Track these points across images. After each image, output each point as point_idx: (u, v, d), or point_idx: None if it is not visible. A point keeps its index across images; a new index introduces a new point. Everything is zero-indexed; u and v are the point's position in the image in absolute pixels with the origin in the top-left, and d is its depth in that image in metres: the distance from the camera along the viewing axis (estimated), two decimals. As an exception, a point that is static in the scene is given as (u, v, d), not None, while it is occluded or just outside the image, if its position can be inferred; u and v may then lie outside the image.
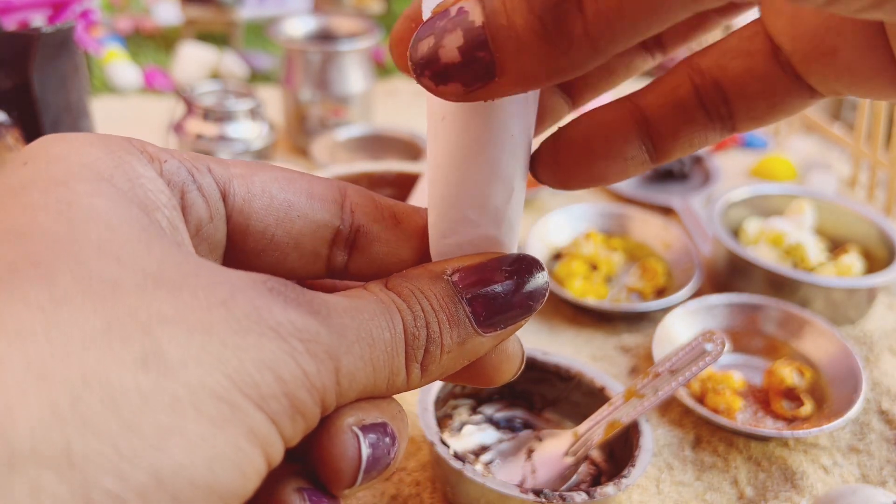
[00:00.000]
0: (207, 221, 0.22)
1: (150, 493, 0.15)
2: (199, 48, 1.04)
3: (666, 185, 0.81)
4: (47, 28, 0.49)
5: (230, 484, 0.16)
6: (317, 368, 0.18)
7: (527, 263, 0.23)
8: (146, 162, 0.20)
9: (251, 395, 0.17)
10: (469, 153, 0.21)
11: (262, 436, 0.17)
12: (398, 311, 0.21)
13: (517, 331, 0.23)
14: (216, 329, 0.17)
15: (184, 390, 0.16)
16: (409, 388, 0.21)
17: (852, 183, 0.82)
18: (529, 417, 0.49)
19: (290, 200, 0.23)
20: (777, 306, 0.56)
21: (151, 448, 0.15)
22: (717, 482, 0.46)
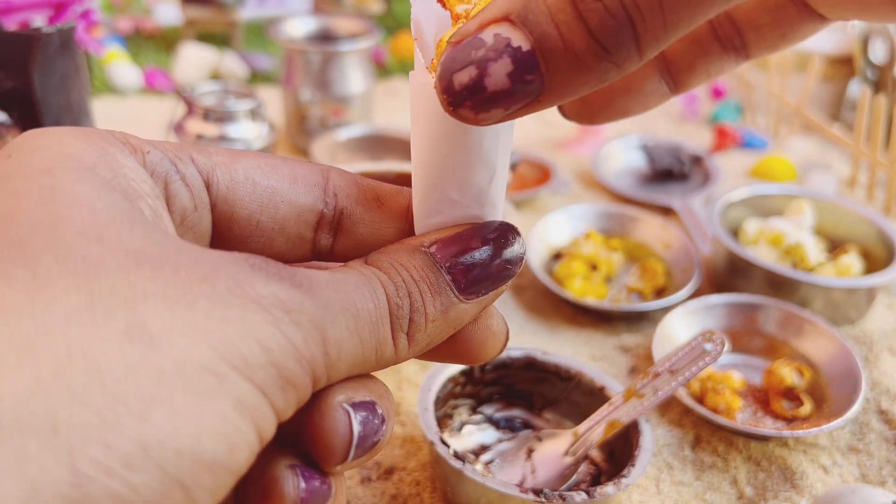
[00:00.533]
0: (192, 211, 0.22)
1: (135, 461, 0.15)
2: (200, 48, 1.04)
3: (666, 186, 0.81)
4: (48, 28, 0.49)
5: (218, 455, 0.16)
6: (303, 338, 0.18)
7: (502, 230, 0.23)
8: (128, 153, 0.20)
9: (238, 365, 0.17)
10: (450, 135, 0.22)
11: (251, 406, 0.17)
12: (380, 283, 0.21)
13: (499, 295, 0.23)
14: (199, 303, 0.17)
15: (169, 362, 0.16)
16: (399, 360, 0.22)
17: (852, 183, 0.82)
18: (529, 417, 0.49)
19: (274, 186, 0.23)
20: (777, 306, 0.56)
21: (136, 418, 0.15)
22: (716, 482, 0.46)
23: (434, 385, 0.44)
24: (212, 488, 0.16)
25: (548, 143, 0.91)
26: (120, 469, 0.15)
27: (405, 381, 0.51)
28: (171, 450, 0.15)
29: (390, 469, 0.45)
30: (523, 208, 0.76)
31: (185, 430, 0.15)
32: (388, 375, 0.52)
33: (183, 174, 0.21)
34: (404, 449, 0.46)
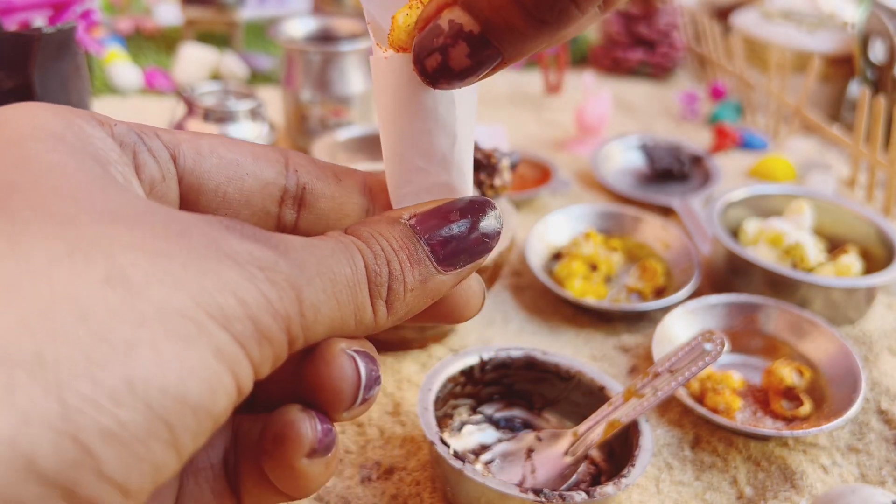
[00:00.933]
0: (160, 181, 0.22)
1: (122, 398, 0.15)
2: (200, 49, 1.04)
3: (665, 186, 0.81)
4: (48, 29, 0.50)
5: (201, 398, 0.16)
6: (278, 295, 0.18)
7: (479, 204, 0.24)
8: (96, 124, 0.21)
9: (216, 316, 0.17)
10: (409, 106, 0.23)
11: (230, 356, 0.17)
12: (357, 250, 0.21)
13: (477, 268, 0.24)
14: (176, 255, 0.17)
15: (150, 308, 0.16)
16: (378, 328, 0.22)
17: (851, 183, 0.83)
18: (529, 417, 0.49)
19: (238, 160, 0.24)
20: (776, 306, 0.56)
21: (121, 357, 0.15)
22: (716, 482, 0.46)
23: (434, 385, 0.44)
24: (194, 430, 0.16)
25: (548, 143, 0.91)
26: (108, 404, 0.15)
27: (405, 381, 0.51)
28: (157, 389, 0.15)
29: (390, 469, 0.45)
30: (523, 208, 0.76)
31: (169, 370, 0.16)
32: (388, 376, 0.52)
33: (149, 146, 0.22)
34: (404, 449, 0.46)
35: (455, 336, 0.57)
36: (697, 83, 1.12)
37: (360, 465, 0.45)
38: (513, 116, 0.98)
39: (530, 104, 1.03)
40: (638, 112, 1.03)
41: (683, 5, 1.17)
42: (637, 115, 1.02)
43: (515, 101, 1.04)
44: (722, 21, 1.14)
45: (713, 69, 1.06)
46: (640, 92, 1.09)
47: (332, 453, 0.22)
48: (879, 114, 0.74)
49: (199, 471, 0.23)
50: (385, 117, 0.24)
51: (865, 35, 0.92)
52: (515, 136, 0.91)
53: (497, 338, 0.57)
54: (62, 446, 0.14)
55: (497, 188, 0.50)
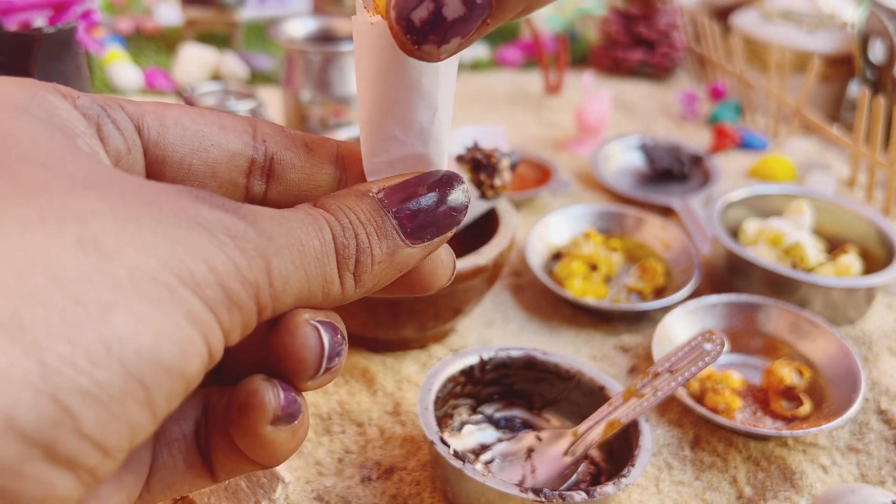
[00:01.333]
0: (126, 153, 0.22)
1: (99, 358, 0.15)
2: (200, 49, 1.04)
3: (665, 186, 0.82)
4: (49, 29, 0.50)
5: (174, 360, 0.17)
6: (247, 263, 0.19)
7: (447, 178, 0.24)
8: (60, 97, 0.21)
9: (187, 281, 0.17)
10: (390, 74, 0.23)
11: (201, 320, 0.17)
12: (326, 223, 0.21)
13: (444, 242, 0.24)
14: (146, 222, 0.17)
15: (122, 272, 0.16)
16: (345, 300, 0.22)
17: (851, 183, 0.83)
18: (529, 417, 0.49)
19: (203, 131, 0.23)
20: (776, 306, 0.56)
21: (96, 320, 0.15)
22: (716, 481, 0.46)
23: (434, 385, 0.44)
24: (168, 392, 0.17)
25: (548, 144, 0.91)
26: (85, 365, 0.15)
27: (405, 381, 0.52)
28: (132, 350, 0.16)
29: (390, 469, 0.45)
30: (523, 208, 0.76)
31: (143, 333, 0.16)
32: (389, 376, 0.52)
33: (114, 118, 0.22)
34: (404, 449, 0.46)
35: (455, 336, 0.57)
36: (697, 83, 1.12)
37: (361, 465, 0.45)
38: (513, 116, 0.98)
39: (530, 104, 1.03)
40: (638, 112, 1.03)
41: (683, 5, 1.17)
42: (637, 115, 1.02)
43: (515, 101, 1.04)
44: (722, 21, 1.14)
45: (713, 69, 1.06)
46: (640, 92, 1.09)
47: (299, 421, 0.22)
48: (879, 114, 0.74)
49: (172, 441, 0.23)
50: (365, 84, 0.23)
51: (865, 35, 0.92)
52: (515, 136, 0.91)
53: (497, 338, 0.57)
54: (42, 405, 0.14)
55: (497, 188, 0.50)
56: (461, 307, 0.52)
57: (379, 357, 0.53)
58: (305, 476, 0.44)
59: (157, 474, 0.23)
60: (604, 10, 1.27)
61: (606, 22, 1.16)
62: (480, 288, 0.51)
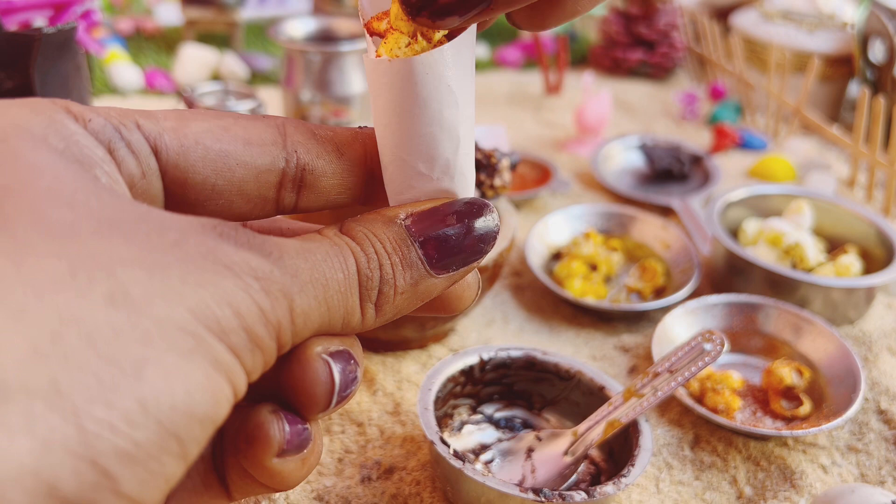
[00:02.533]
0: (140, 178, 0.21)
1: (136, 418, 0.15)
2: (200, 49, 1.04)
3: (665, 186, 0.82)
4: (49, 29, 0.50)
5: (207, 409, 0.17)
6: (271, 305, 0.19)
7: (477, 207, 0.23)
8: (73, 120, 0.20)
9: (213, 328, 0.17)
10: (411, 109, 0.22)
11: (227, 366, 0.18)
12: (351, 253, 0.21)
13: (470, 272, 0.24)
14: (173, 268, 0.17)
15: (152, 324, 0.16)
16: (365, 328, 0.22)
17: (851, 183, 0.83)
18: (529, 417, 0.49)
19: (226, 150, 0.22)
20: (776, 306, 0.56)
21: (131, 378, 0.16)
22: (716, 481, 0.46)
23: (434, 385, 0.44)
24: (200, 439, 0.17)
25: (547, 143, 0.91)
26: (123, 426, 0.15)
27: (405, 381, 0.52)
28: (167, 406, 0.16)
29: (390, 468, 0.45)
30: (523, 208, 0.76)
31: (176, 387, 0.16)
32: (389, 376, 0.52)
33: (128, 140, 0.21)
34: (404, 448, 0.46)
35: (455, 336, 0.57)
36: (697, 83, 1.12)
37: (361, 465, 0.45)
38: (513, 116, 0.98)
39: (530, 104, 1.03)
40: (638, 112, 1.03)
41: (683, 5, 1.17)
42: (637, 115, 1.02)
43: (515, 101, 1.04)
44: (722, 21, 1.14)
45: (713, 69, 1.06)
46: (640, 92, 1.09)
47: (308, 450, 0.22)
48: (879, 114, 0.74)
49: (192, 464, 0.23)
50: (384, 121, 0.23)
51: (865, 35, 0.92)
52: (515, 136, 0.91)
53: (497, 338, 0.57)
54: (82, 470, 0.15)
55: (497, 188, 0.50)
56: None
57: (379, 357, 0.53)
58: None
59: (176, 496, 0.23)
60: (604, 10, 1.27)
61: (606, 22, 1.16)
62: (480, 288, 0.51)
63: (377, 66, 0.22)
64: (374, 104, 0.23)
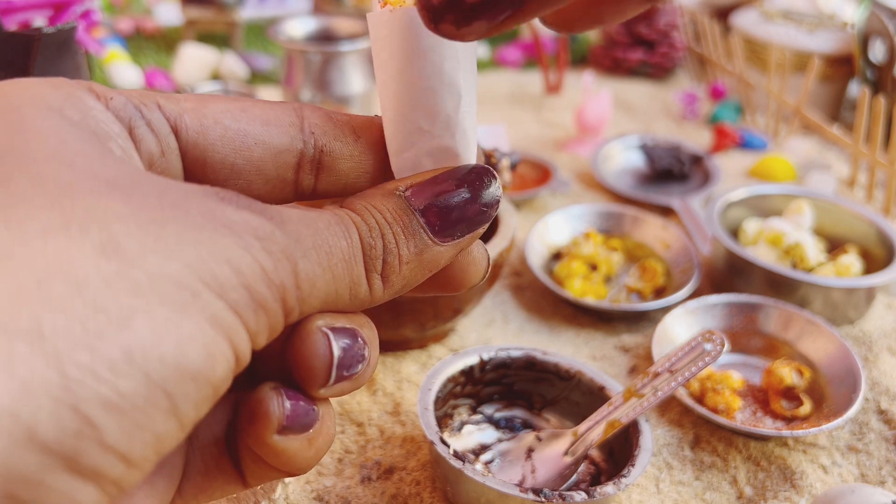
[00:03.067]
0: (159, 156, 0.22)
1: (121, 367, 0.15)
2: (200, 49, 1.04)
3: (665, 186, 0.82)
4: (48, 29, 0.50)
5: (200, 366, 0.16)
6: (274, 265, 0.18)
7: (477, 173, 0.23)
8: (94, 97, 0.20)
9: (211, 284, 0.17)
10: (412, 63, 0.22)
11: (226, 324, 0.17)
12: (353, 223, 0.21)
13: (476, 239, 0.23)
14: (170, 225, 0.17)
15: (144, 277, 0.16)
16: (374, 301, 0.22)
17: (851, 183, 0.83)
18: (529, 417, 0.49)
19: (245, 129, 0.23)
20: (776, 306, 0.56)
21: (118, 327, 0.15)
22: (716, 481, 0.46)
23: (434, 385, 0.44)
24: (195, 399, 0.16)
25: (548, 143, 0.91)
26: (106, 374, 0.15)
27: (405, 381, 0.52)
28: (155, 357, 0.15)
29: (390, 469, 0.45)
30: (523, 208, 0.76)
31: (166, 339, 0.16)
32: (389, 376, 0.52)
33: (148, 119, 0.21)
34: (404, 448, 0.46)
35: (455, 336, 0.57)
36: (697, 83, 1.12)
37: (361, 465, 0.45)
38: (513, 116, 0.98)
39: (530, 104, 1.03)
40: (638, 112, 1.03)
41: (683, 5, 1.17)
42: (637, 115, 1.02)
43: (515, 101, 1.04)
44: (722, 21, 1.14)
45: (713, 69, 1.06)
46: (640, 92, 1.09)
47: (315, 430, 0.21)
48: (879, 114, 0.74)
49: (205, 446, 0.23)
50: (385, 77, 0.23)
51: (865, 35, 0.92)
52: (515, 136, 0.91)
53: (497, 338, 0.57)
54: (63, 416, 0.14)
55: (497, 188, 0.50)
56: (461, 307, 0.51)
57: (379, 357, 0.53)
58: (305, 476, 0.44)
59: (191, 479, 0.22)
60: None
61: (606, 22, 1.16)
62: (480, 288, 0.51)
63: (380, 18, 0.22)
64: (376, 62, 0.23)
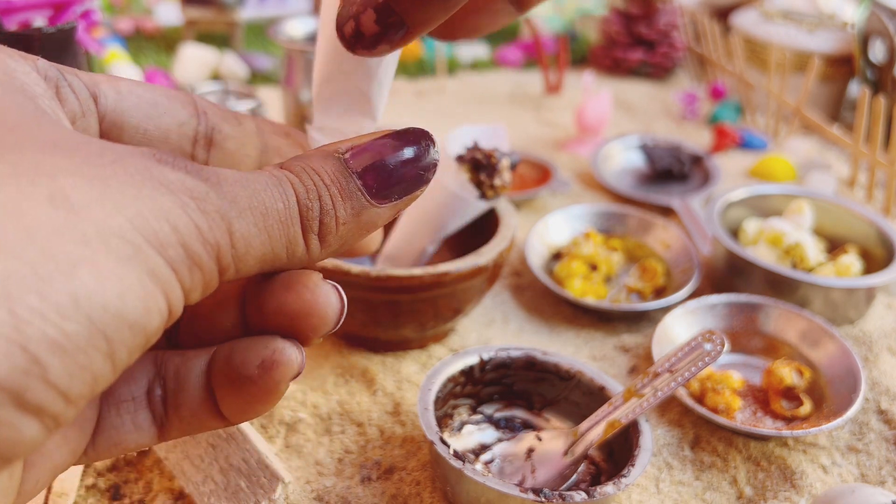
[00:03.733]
0: (80, 116, 0.23)
1: (68, 311, 0.16)
2: (200, 49, 1.04)
3: (665, 186, 0.82)
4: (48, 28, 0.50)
5: (137, 315, 0.17)
6: (208, 225, 0.19)
7: (416, 136, 0.24)
8: (18, 58, 0.21)
9: (151, 239, 0.18)
10: None
11: (163, 279, 0.18)
12: (290, 184, 0.22)
13: (412, 201, 0.24)
14: (112, 181, 0.18)
15: (91, 227, 0.17)
16: (312, 261, 0.23)
17: (851, 183, 0.83)
18: (529, 417, 0.49)
19: (156, 99, 0.25)
20: (776, 306, 0.56)
21: (66, 273, 0.16)
22: (716, 481, 0.46)
23: (434, 385, 0.44)
24: (129, 345, 0.17)
25: (547, 144, 0.91)
26: (54, 317, 0.16)
27: (405, 381, 0.52)
28: (98, 304, 0.16)
29: (390, 469, 0.45)
30: (523, 208, 0.76)
31: (109, 288, 0.17)
32: (388, 376, 0.52)
33: (70, 82, 0.23)
34: (404, 449, 0.46)
35: (455, 336, 0.57)
36: (697, 83, 1.12)
37: (361, 465, 0.45)
38: (513, 116, 0.98)
39: (530, 104, 1.03)
40: (638, 112, 1.03)
41: (683, 5, 1.17)
42: (637, 115, 1.02)
43: (515, 101, 1.04)
44: (722, 21, 1.14)
45: (713, 69, 1.06)
46: (640, 92, 1.09)
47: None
48: (879, 114, 0.74)
49: (121, 402, 0.24)
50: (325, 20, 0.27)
51: (865, 35, 0.92)
52: (515, 136, 0.91)
53: (497, 338, 0.57)
54: (12, 354, 0.15)
55: (497, 188, 0.50)
56: (461, 307, 0.51)
57: (379, 357, 0.53)
58: (305, 476, 0.44)
59: (104, 433, 0.23)
60: (604, 9, 1.27)
61: (606, 22, 1.16)
62: (480, 288, 0.51)
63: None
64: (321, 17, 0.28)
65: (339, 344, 0.55)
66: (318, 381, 0.51)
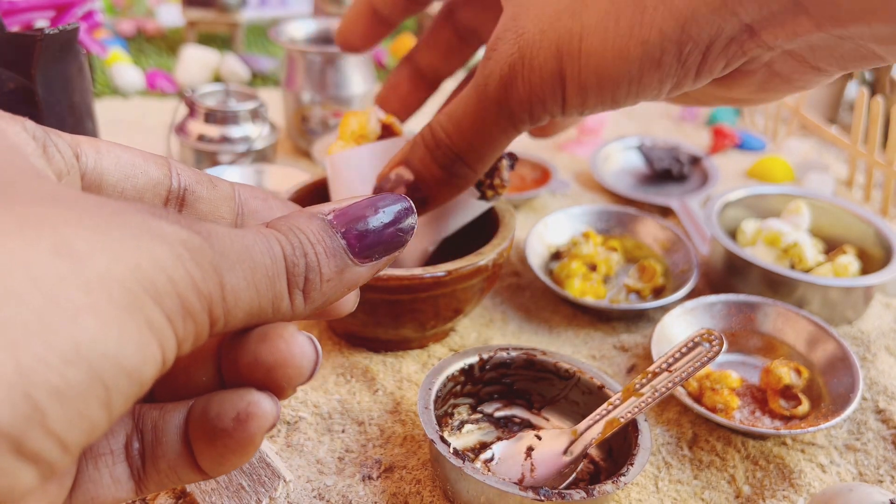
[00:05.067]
0: (66, 173, 0.24)
1: (71, 358, 0.16)
2: (201, 50, 1.04)
3: (664, 186, 0.82)
4: (51, 30, 0.50)
5: (135, 364, 0.18)
6: (202, 276, 0.20)
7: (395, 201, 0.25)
8: (8, 119, 0.22)
9: (149, 290, 0.18)
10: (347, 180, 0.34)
11: (159, 329, 0.18)
12: (277, 242, 0.22)
13: (391, 261, 0.26)
14: (113, 232, 0.18)
15: (94, 276, 0.17)
16: (295, 316, 0.23)
17: (849, 183, 0.83)
18: (528, 416, 0.49)
19: (133, 160, 0.26)
20: (774, 306, 0.56)
21: (69, 321, 0.16)
22: (714, 480, 0.46)
23: (434, 384, 0.44)
24: (125, 393, 0.18)
25: (547, 144, 0.91)
26: (58, 363, 0.16)
27: (405, 381, 0.52)
28: (99, 351, 0.17)
29: (390, 467, 0.45)
30: (523, 208, 0.76)
31: (110, 336, 0.17)
32: (389, 375, 0.52)
33: (55, 142, 0.24)
34: (405, 447, 0.47)
35: (455, 336, 0.57)
36: (697, 84, 1.13)
37: (361, 464, 0.45)
38: (512, 117, 0.99)
39: (530, 105, 1.03)
40: (637, 113, 1.03)
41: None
42: (636, 116, 1.02)
43: (515, 102, 1.04)
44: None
45: (712, 70, 1.06)
46: (640, 93, 1.09)
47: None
48: (877, 114, 0.75)
49: (99, 456, 0.24)
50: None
51: (864, 36, 0.92)
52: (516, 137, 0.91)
53: (497, 337, 0.58)
54: (15, 401, 0.15)
55: (497, 188, 0.51)
56: (461, 307, 0.52)
57: (379, 356, 0.54)
58: (306, 475, 0.44)
59: (82, 486, 0.23)
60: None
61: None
62: (480, 288, 0.52)
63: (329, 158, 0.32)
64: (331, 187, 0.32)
65: (339, 343, 0.55)
66: (318, 380, 0.52)
